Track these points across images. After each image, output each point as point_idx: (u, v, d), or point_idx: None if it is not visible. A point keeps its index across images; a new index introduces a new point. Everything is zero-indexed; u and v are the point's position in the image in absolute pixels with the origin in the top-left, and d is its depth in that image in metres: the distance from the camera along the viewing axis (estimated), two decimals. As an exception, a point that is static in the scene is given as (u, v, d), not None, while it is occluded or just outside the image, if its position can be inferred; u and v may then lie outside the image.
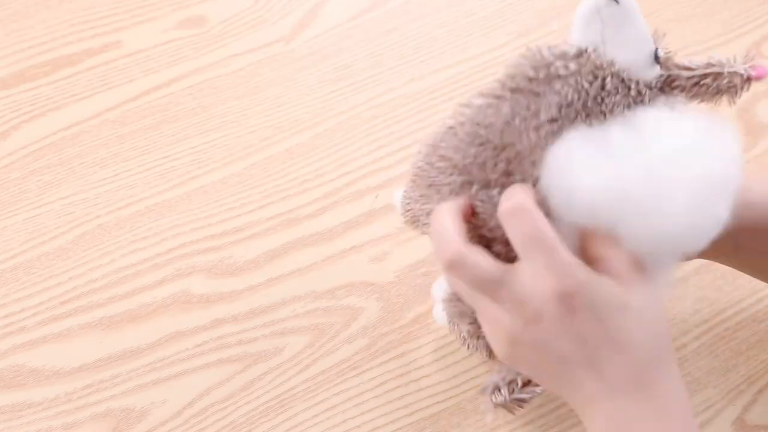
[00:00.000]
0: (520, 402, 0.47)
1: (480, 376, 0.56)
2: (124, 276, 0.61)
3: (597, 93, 0.40)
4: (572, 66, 0.40)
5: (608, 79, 0.40)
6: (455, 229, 0.41)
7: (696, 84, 0.42)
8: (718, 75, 0.42)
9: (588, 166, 0.39)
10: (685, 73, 0.42)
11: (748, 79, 0.42)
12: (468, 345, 0.50)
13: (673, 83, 0.42)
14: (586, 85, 0.40)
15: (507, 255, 0.42)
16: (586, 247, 0.41)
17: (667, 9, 0.76)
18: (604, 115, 0.40)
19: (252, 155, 0.67)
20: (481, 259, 0.41)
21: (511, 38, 0.74)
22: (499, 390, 0.47)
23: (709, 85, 0.42)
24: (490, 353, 0.48)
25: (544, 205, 0.40)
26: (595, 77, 0.40)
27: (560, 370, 0.41)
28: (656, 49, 0.41)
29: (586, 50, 0.40)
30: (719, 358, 0.56)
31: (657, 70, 0.42)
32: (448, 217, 0.42)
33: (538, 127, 0.40)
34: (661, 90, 0.42)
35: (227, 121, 0.70)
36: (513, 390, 0.47)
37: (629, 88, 0.41)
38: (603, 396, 0.41)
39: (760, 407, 0.55)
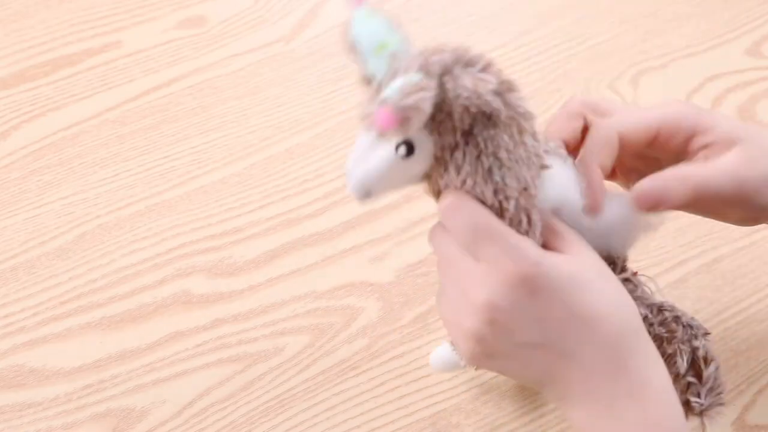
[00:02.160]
0: None
1: (479, 377, 0.56)
2: (124, 276, 0.61)
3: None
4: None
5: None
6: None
7: None
8: None
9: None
10: None
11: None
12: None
13: None
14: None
15: None
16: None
17: (667, 9, 0.76)
18: None
19: (252, 155, 0.67)
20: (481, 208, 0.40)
21: (511, 38, 0.74)
22: None
23: None
24: None
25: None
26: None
27: (532, 362, 0.41)
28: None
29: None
30: (719, 358, 0.56)
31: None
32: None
33: None
34: None
35: (227, 121, 0.70)
36: None
37: None
38: (579, 380, 0.40)
39: (760, 407, 0.55)
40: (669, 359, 0.44)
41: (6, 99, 0.71)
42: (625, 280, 0.44)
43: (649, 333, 0.44)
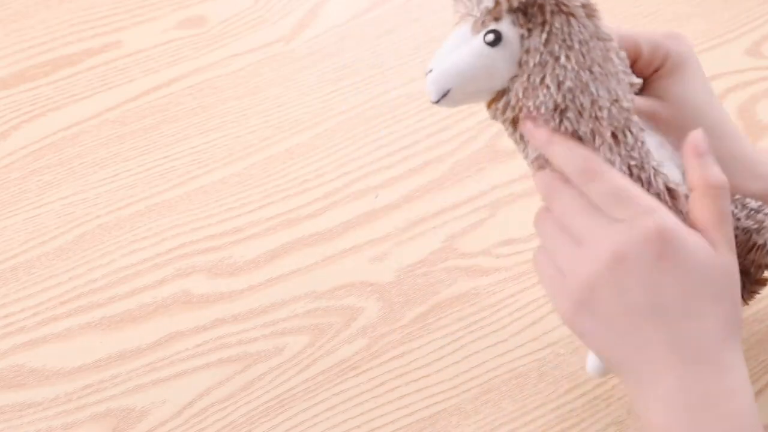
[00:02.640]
0: None
1: (479, 377, 0.56)
2: (124, 276, 0.61)
3: None
4: None
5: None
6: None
7: None
8: None
9: None
10: None
11: None
12: None
13: None
14: None
15: None
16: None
17: (667, 9, 0.76)
18: None
19: (252, 155, 0.67)
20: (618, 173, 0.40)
21: (511, 38, 0.74)
22: None
23: None
24: None
25: None
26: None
27: (631, 332, 0.39)
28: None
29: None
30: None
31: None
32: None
33: None
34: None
35: (227, 121, 0.70)
36: None
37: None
38: (671, 363, 0.38)
39: (760, 407, 0.54)
40: (760, 249, 0.46)
41: (6, 99, 0.71)
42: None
43: (737, 228, 0.45)
